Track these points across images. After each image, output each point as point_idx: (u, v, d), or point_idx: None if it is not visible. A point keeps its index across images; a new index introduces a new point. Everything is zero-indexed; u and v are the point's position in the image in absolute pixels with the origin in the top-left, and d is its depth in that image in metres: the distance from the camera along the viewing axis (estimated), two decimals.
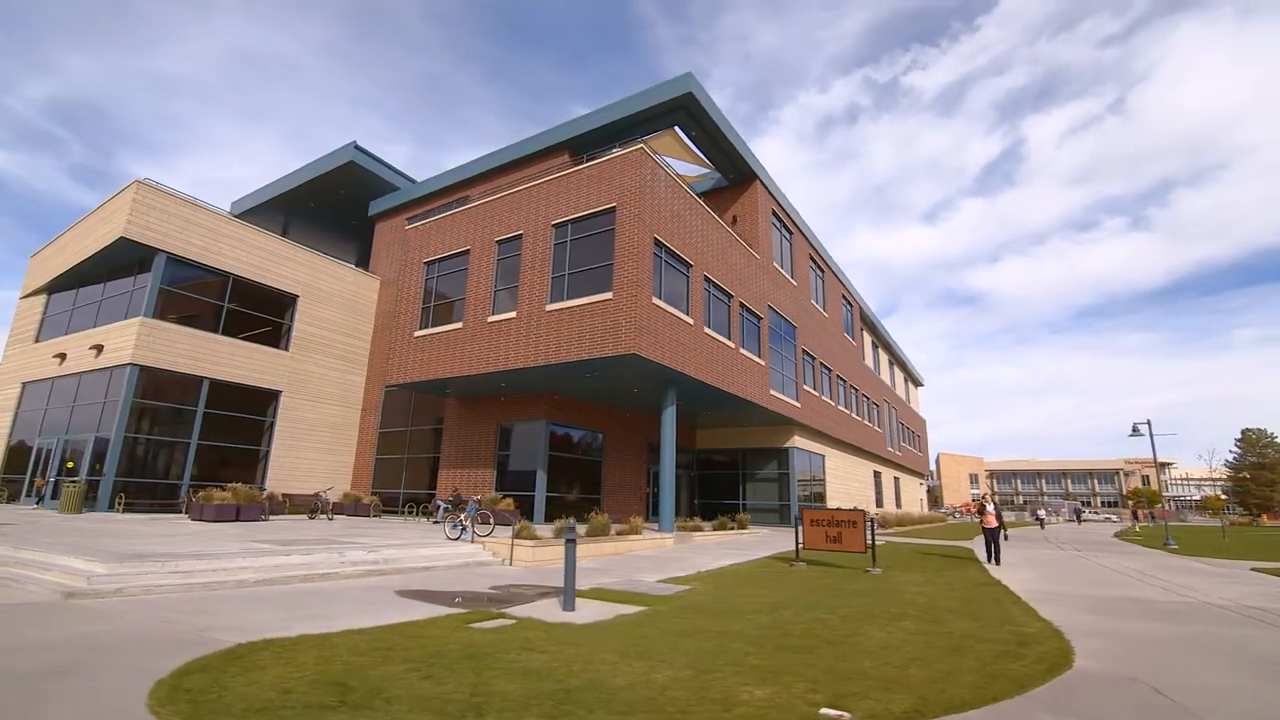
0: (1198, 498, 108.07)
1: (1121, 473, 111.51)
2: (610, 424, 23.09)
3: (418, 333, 19.88)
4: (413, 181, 28.80)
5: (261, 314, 22.73)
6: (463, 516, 13.09)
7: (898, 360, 52.30)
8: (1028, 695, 4.36)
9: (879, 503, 39.91)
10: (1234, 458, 71.69)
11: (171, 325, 19.79)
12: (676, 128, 21.25)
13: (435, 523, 18.68)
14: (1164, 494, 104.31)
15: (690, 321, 17.61)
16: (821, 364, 29.41)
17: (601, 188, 16.67)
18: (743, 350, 20.91)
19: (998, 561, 13.93)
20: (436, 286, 20.18)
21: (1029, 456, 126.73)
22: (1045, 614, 7.73)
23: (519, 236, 18.23)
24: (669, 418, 17.86)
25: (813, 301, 29.55)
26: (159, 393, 19.59)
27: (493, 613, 6.94)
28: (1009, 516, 69.71)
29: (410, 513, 21.42)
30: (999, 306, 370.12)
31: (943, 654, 5.53)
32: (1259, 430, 69.68)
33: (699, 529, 18.66)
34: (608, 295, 15.67)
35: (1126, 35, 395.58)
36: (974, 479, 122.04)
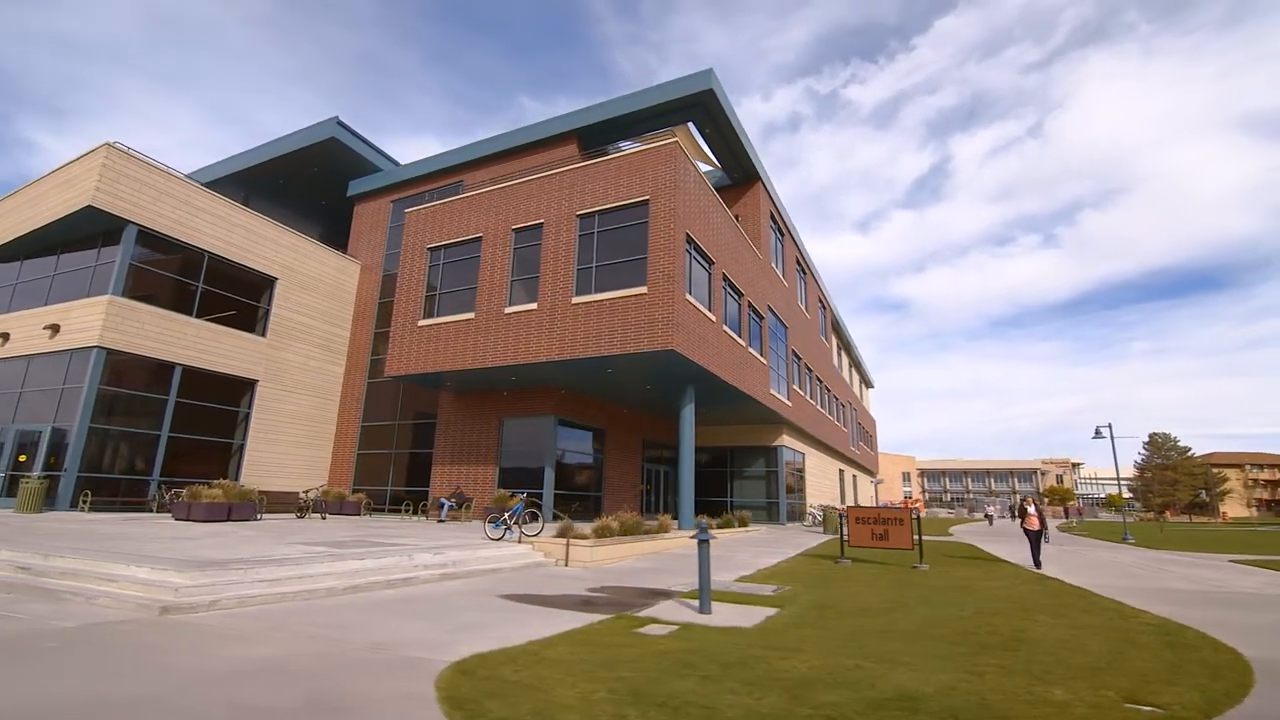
0: (1102, 496, 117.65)
1: (1039, 472, 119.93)
2: (610, 421, 22.74)
3: (421, 322, 18.89)
4: (396, 164, 27.41)
5: (238, 297, 21.03)
6: (506, 515, 12.50)
7: (855, 362, 54.22)
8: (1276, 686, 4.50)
9: (842, 500, 41.23)
10: (1141, 459, 78.69)
11: (142, 305, 17.98)
12: (690, 124, 21.14)
13: (440, 521, 17.89)
14: (1075, 491, 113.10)
15: (713, 319, 17.54)
16: (805, 365, 30.05)
17: (632, 180, 16.33)
18: (750, 349, 21.05)
19: (1038, 565, 12.79)
20: (442, 274, 19.23)
21: (951, 456, 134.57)
22: (1136, 606, 8.10)
23: (539, 225, 17.62)
24: (688, 415, 17.73)
25: (798, 303, 30.14)
26: (127, 379, 17.77)
27: (639, 618, 6.61)
28: (942, 514, 73.62)
29: (408, 511, 20.36)
30: (923, 314, 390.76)
31: (1123, 647, 5.66)
32: (1164, 434, 76.73)
33: (710, 527, 18.63)
34: (641, 290, 15.37)
35: (1046, 64, 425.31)
36: (906, 477, 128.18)
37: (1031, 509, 13.56)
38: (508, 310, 17.37)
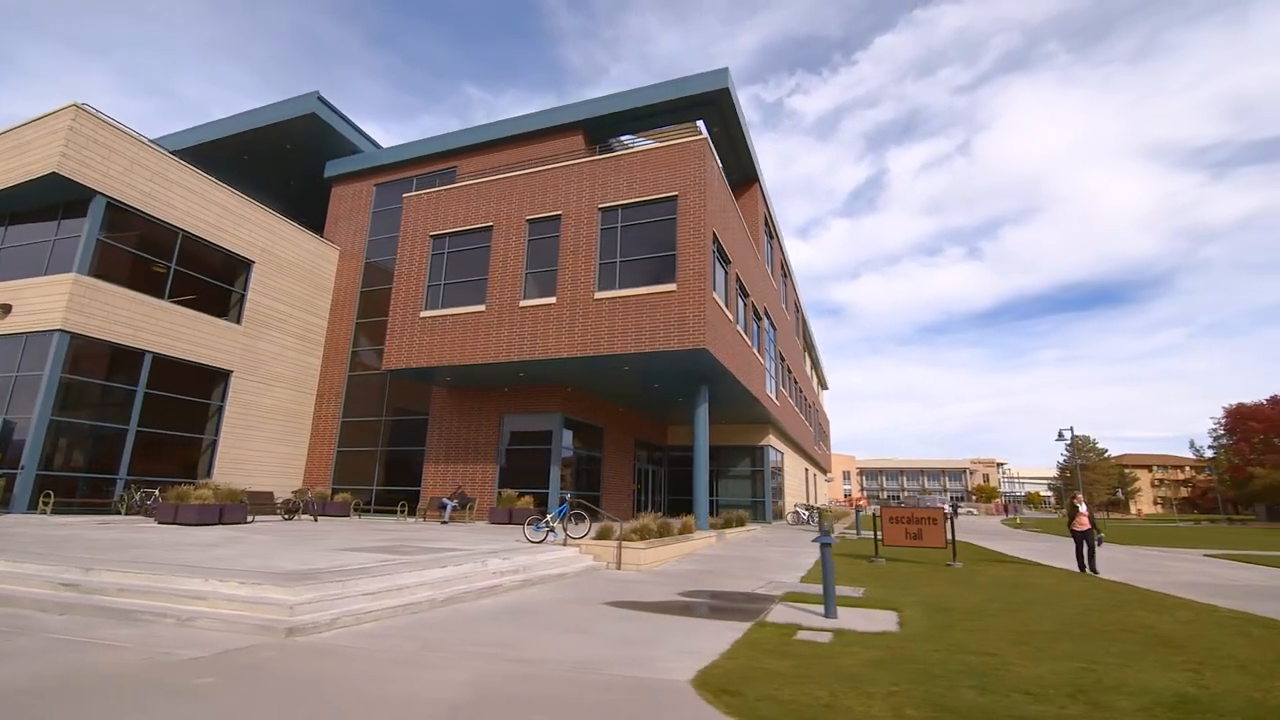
0: (1022, 495, 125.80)
1: (968, 471, 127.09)
2: (608, 419, 22.38)
3: (424, 313, 17.95)
4: (376, 145, 26.03)
5: (213, 280, 19.38)
6: (549, 517, 11.99)
7: (815, 362, 55.72)
8: None
9: (808, 498, 42.28)
10: (1064, 459, 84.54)
11: (110, 286, 16.28)
12: (700, 122, 21.04)
13: (444, 523, 17.10)
14: (1000, 490, 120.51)
15: (730, 319, 17.52)
16: (787, 366, 30.57)
17: (659, 174, 16.06)
18: (753, 350, 21.18)
19: (1094, 569, 11.90)
20: (447, 263, 18.34)
21: (882, 455, 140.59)
22: (1197, 600, 8.56)
23: (557, 217, 17.07)
24: (702, 415, 17.64)
25: (782, 305, 30.61)
26: (91, 367, 16.05)
27: (777, 624, 6.42)
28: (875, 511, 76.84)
29: (403, 512, 19.32)
30: (857, 319, 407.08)
31: (1250, 640, 5.92)
32: (1084, 436, 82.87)
33: (715, 527, 18.63)
34: (671, 287, 15.14)
35: (974, 87, 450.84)
36: (846, 476, 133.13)
37: (1083, 508, 12.63)
38: (523, 303, 16.74)
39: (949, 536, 12.87)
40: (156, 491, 16.10)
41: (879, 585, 9.71)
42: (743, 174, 24.35)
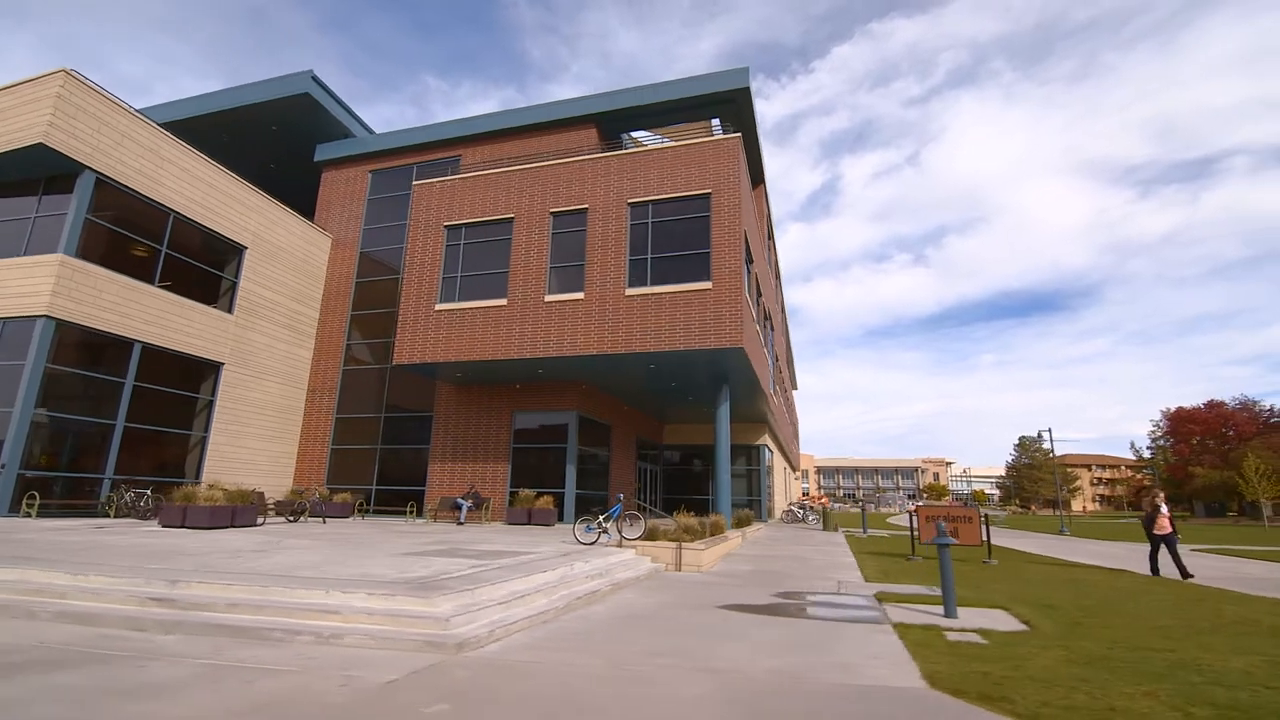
0: (968, 492, 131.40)
1: (920, 470, 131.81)
2: (615, 418, 22.10)
3: (440, 306, 17.27)
4: (370, 131, 24.94)
5: (204, 266, 18.15)
6: (601, 518, 11.67)
7: (789, 360, 56.65)
8: None
9: (785, 496, 42.93)
10: (1012, 459, 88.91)
11: (99, 269, 15.03)
12: (715, 120, 20.96)
13: (460, 523, 16.52)
14: (949, 488, 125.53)
15: (754, 318, 17.52)
16: (779, 366, 30.92)
17: (691, 171, 15.89)
18: (764, 349, 21.28)
19: (1185, 574, 10.74)
20: (463, 255, 17.69)
21: (835, 454, 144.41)
22: (1256, 595, 9.00)
23: (582, 211, 16.69)
24: (724, 414, 17.57)
25: (777, 306, 30.94)
26: (75, 357, 14.76)
27: (912, 626, 6.36)
28: (852, 510, 78.87)
29: (412, 512, 18.55)
30: (810, 321, 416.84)
31: None
32: (1031, 437, 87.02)
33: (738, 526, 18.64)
34: (706, 285, 15.00)
35: (925, 99, 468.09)
36: (804, 474, 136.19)
37: (1165, 509, 11.71)
38: (548, 299, 16.30)
39: (984, 535, 13.19)
40: (149, 492, 14.98)
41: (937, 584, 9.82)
42: (754, 174, 24.41)
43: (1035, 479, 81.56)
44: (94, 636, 5.01)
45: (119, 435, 15.40)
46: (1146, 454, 68.41)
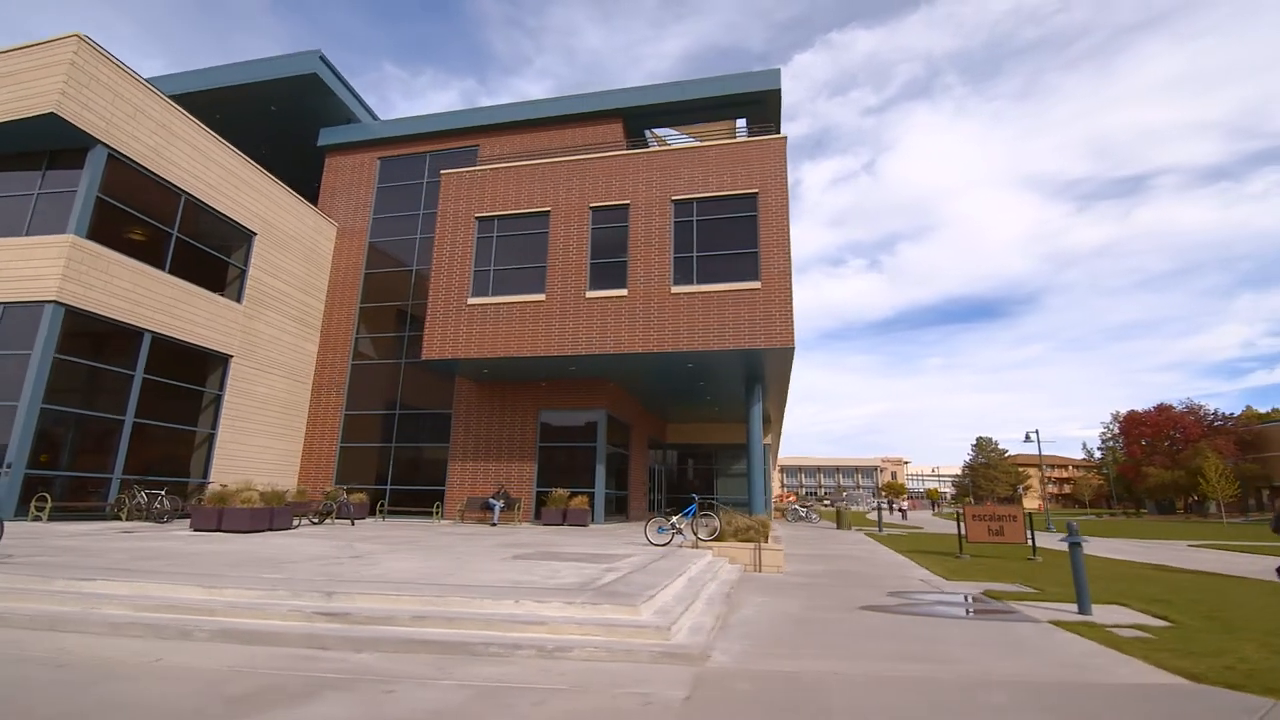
0: (922, 491, 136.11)
1: (878, 469, 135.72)
2: (634, 417, 21.88)
3: (472, 300, 16.70)
4: (375, 117, 23.98)
5: (213, 252, 17.06)
6: (675, 518, 11.47)
7: None
8: None
9: (766, 493, 43.47)
10: (969, 458, 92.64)
11: (111, 253, 13.93)
12: (740, 121, 20.98)
13: (493, 525, 16.05)
14: (906, 486, 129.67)
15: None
16: None
17: (737, 170, 15.83)
18: None
19: None
20: (496, 248, 17.15)
21: (793, 454, 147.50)
22: None
23: (624, 206, 16.42)
24: (757, 414, 17.59)
25: None
26: (80, 347, 13.63)
27: (1068, 623, 6.44)
28: (821, 508, 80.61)
29: (438, 513, 17.88)
30: None
31: None
32: (987, 438, 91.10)
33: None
34: (755, 284, 14.96)
35: (882, 110, 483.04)
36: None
37: None
38: (589, 295, 15.97)
39: (1029, 533, 13.58)
40: (162, 493, 13.98)
41: (1026, 580, 10.05)
42: None
43: (991, 477, 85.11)
44: (286, 657, 4.56)
45: (128, 432, 14.32)
46: (1097, 454, 72.36)
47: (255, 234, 18.18)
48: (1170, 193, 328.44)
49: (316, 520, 15.13)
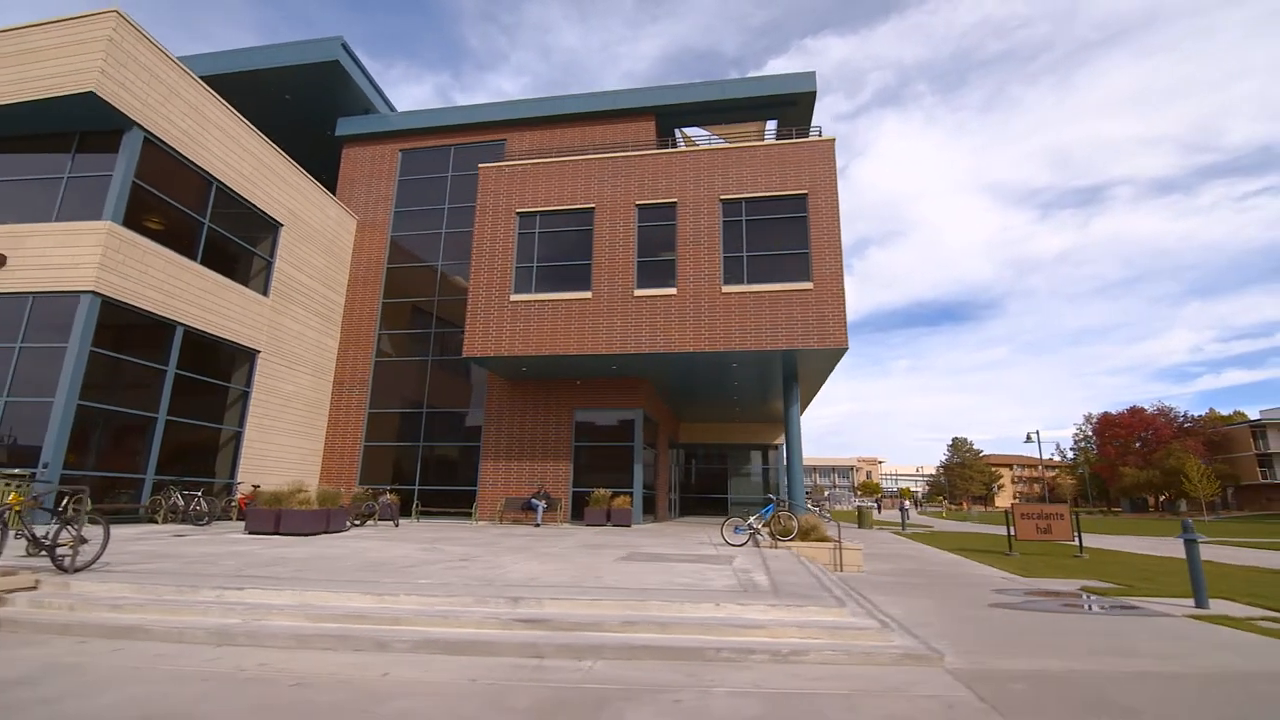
0: (895, 490, 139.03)
1: (854, 469, 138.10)
2: (661, 417, 21.75)
3: (515, 297, 16.37)
4: (392, 108, 23.37)
5: (242, 243, 16.38)
6: (753, 519, 11.39)
7: None
8: None
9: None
10: (945, 458, 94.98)
11: (146, 242, 13.24)
12: (770, 123, 21.04)
13: (537, 525, 15.79)
14: (881, 485, 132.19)
15: None
16: None
17: (787, 171, 15.85)
18: None
19: None
20: (538, 244, 16.85)
21: None
22: None
23: (671, 205, 16.29)
24: (795, 415, 17.66)
25: None
26: (110, 340, 12.91)
27: (1199, 615, 6.57)
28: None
29: (473, 514, 17.45)
30: None
31: None
32: (962, 438, 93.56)
33: None
34: (807, 285, 14.99)
35: (854, 116, 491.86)
36: None
37: None
38: (638, 293, 15.79)
39: (1076, 531, 13.89)
40: (199, 494, 13.36)
41: (1097, 576, 10.25)
42: None
43: (967, 477, 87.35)
44: (514, 667, 4.33)
45: (160, 430, 13.63)
46: (1070, 455, 74.94)
47: (282, 225, 17.52)
48: (1125, 204, 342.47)
49: (359, 522, 14.66)
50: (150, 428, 13.49)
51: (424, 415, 19.46)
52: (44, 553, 6.09)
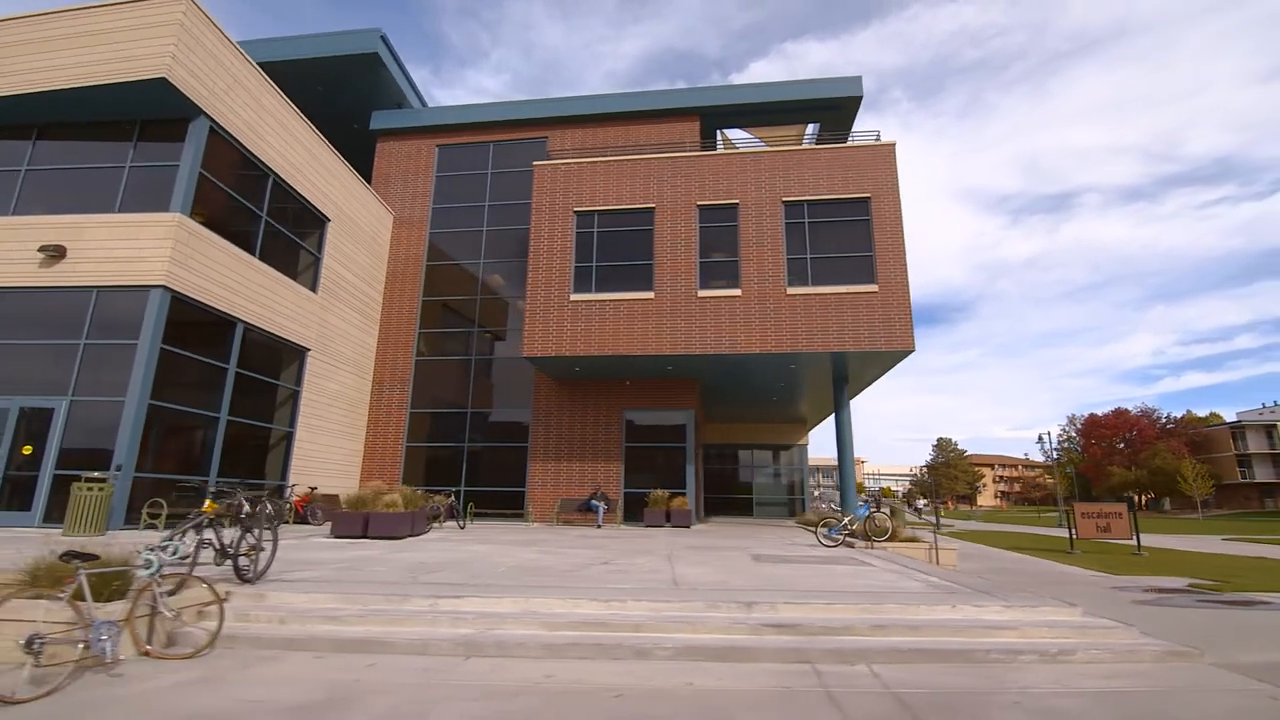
0: (877, 490, 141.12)
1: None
2: (700, 418, 21.73)
3: (574, 296, 16.20)
4: (424, 103, 23.00)
5: (295, 238, 15.95)
6: (846, 520, 11.45)
7: None
8: None
9: None
10: (931, 458, 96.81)
11: (213, 235, 12.80)
12: (810, 126, 21.18)
13: (598, 526, 15.69)
14: (865, 485, 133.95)
15: None
16: None
17: (849, 174, 15.96)
18: None
19: None
20: (597, 243, 16.70)
21: None
22: None
23: (733, 206, 16.29)
24: (846, 417, 17.82)
25: None
26: (176, 338, 12.41)
27: None
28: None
29: (527, 515, 17.23)
30: None
31: None
32: (947, 438, 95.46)
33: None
34: (872, 287, 15.13)
35: None
36: None
37: None
38: (701, 294, 15.76)
39: (1134, 530, 14.26)
40: (263, 496, 12.90)
41: (1170, 573, 10.54)
42: None
43: (951, 476, 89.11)
44: (800, 674, 4.27)
45: (222, 430, 13.18)
46: (1054, 455, 76.69)
47: (329, 220, 17.09)
48: (1093, 210, 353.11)
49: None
50: (210, 428, 13.04)
51: (468, 415, 19.15)
52: (228, 562, 5.82)
